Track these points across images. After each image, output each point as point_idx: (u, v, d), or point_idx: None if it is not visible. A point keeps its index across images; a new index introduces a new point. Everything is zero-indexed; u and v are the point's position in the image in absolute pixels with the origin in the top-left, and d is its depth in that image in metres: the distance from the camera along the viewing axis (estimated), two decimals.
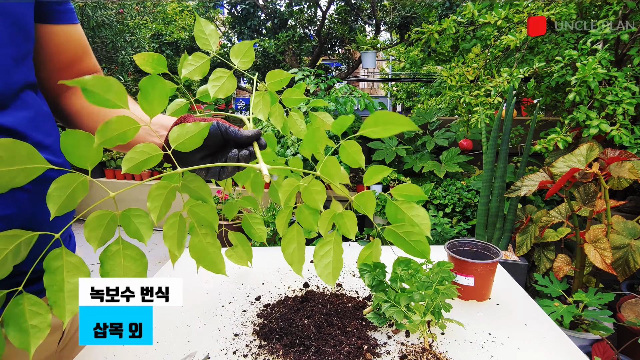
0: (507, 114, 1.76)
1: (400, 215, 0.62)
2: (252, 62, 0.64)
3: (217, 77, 0.60)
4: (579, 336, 1.42)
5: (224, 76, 0.61)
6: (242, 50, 0.63)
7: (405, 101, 6.91)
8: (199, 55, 0.61)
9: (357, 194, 0.60)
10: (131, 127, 0.46)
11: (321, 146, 0.60)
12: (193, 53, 0.61)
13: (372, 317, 0.70)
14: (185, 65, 0.60)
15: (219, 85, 0.60)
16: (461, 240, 0.89)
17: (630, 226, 1.50)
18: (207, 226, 0.58)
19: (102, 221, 0.46)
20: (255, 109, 0.63)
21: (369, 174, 0.61)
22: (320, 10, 4.43)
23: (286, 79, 0.66)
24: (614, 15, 1.58)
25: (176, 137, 0.50)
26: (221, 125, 0.56)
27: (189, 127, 0.50)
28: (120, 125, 0.45)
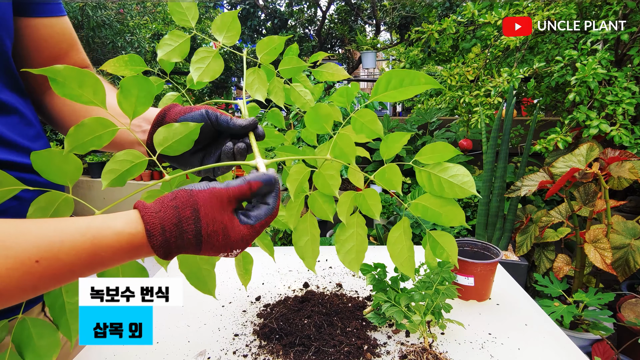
0: (507, 114, 1.76)
1: (435, 182, 0.50)
2: (239, 35, 0.55)
3: (201, 57, 0.52)
4: (579, 336, 1.42)
5: (209, 56, 0.53)
6: (226, 22, 0.54)
7: (405, 101, 6.91)
8: (177, 33, 0.53)
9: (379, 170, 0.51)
10: (107, 130, 0.41)
11: (328, 124, 0.51)
12: (170, 31, 0.54)
13: (372, 317, 0.70)
14: (161, 45, 0.52)
15: (203, 67, 0.52)
16: (461, 240, 0.89)
17: (630, 226, 1.50)
18: None
19: None
20: (251, 88, 0.55)
21: (386, 144, 0.51)
22: (320, 10, 4.43)
23: (280, 45, 0.57)
24: (614, 15, 1.58)
25: (162, 140, 0.44)
26: (211, 114, 0.48)
27: (176, 128, 0.44)
28: (93, 128, 0.40)
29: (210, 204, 0.38)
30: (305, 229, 0.58)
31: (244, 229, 0.40)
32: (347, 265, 0.54)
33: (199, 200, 0.38)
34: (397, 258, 0.52)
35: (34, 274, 0.33)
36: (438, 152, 0.48)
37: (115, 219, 0.36)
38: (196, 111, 0.48)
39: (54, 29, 0.55)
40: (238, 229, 0.39)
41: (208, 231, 0.38)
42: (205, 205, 0.38)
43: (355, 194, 0.53)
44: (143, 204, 0.37)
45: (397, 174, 0.51)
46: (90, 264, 0.35)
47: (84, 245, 0.34)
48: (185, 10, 0.53)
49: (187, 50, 0.54)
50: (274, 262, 1.01)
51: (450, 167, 0.49)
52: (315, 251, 0.58)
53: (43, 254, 0.33)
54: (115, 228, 0.36)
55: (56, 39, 0.56)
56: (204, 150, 0.52)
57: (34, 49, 0.55)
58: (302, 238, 0.57)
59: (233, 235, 0.39)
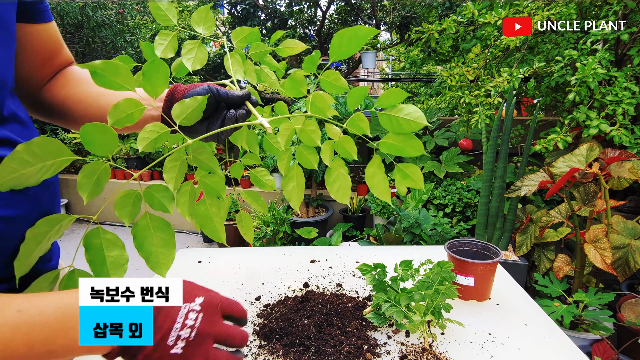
0: (507, 114, 1.76)
1: (394, 122, 0.58)
2: (214, 26, 0.65)
3: (189, 49, 0.63)
4: (579, 336, 1.42)
5: (194, 47, 0.63)
6: (202, 16, 0.64)
7: (405, 101, 6.91)
8: (165, 33, 0.62)
9: (350, 118, 0.59)
10: (137, 109, 0.50)
11: (303, 87, 0.65)
12: (159, 32, 0.63)
13: (372, 317, 0.70)
14: (156, 45, 0.61)
15: (192, 57, 0.62)
16: (461, 240, 0.89)
17: (630, 226, 1.50)
18: (214, 196, 0.62)
19: (128, 199, 0.51)
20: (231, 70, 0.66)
21: (351, 97, 0.59)
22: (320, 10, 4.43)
23: (252, 34, 0.68)
24: (614, 15, 1.58)
25: (179, 113, 0.54)
26: (212, 88, 0.59)
27: (188, 102, 0.54)
28: (127, 107, 0.49)
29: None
30: (292, 176, 0.67)
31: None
32: (339, 198, 0.63)
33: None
34: (375, 188, 0.61)
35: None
36: (393, 97, 0.56)
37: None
38: (200, 87, 0.58)
39: (49, 32, 0.62)
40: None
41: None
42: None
43: (333, 142, 0.64)
44: None
45: (364, 120, 0.59)
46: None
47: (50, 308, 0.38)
48: (166, 12, 0.62)
49: (177, 45, 0.63)
50: (274, 262, 1.01)
51: (403, 107, 0.57)
52: (300, 195, 0.68)
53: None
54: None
55: (50, 41, 0.62)
56: (208, 119, 0.61)
57: (36, 50, 0.60)
58: (289, 184, 0.67)
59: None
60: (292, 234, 2.60)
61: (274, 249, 1.13)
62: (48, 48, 0.62)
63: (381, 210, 2.56)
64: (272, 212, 2.61)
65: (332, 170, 0.64)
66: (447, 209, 2.50)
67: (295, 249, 1.11)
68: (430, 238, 2.08)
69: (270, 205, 2.67)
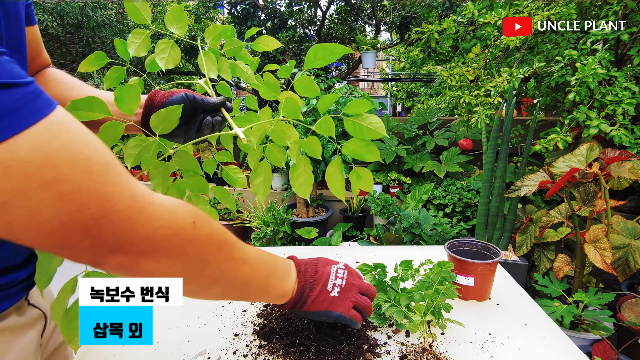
0: (507, 114, 1.76)
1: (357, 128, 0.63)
2: (187, 26, 0.67)
3: (162, 49, 0.65)
4: (579, 336, 1.42)
5: (167, 47, 0.65)
6: (176, 16, 0.66)
7: (405, 101, 6.91)
8: (139, 31, 0.64)
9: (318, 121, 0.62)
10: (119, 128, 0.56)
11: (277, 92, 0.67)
12: (132, 30, 0.65)
13: (372, 316, 0.70)
14: (129, 44, 0.64)
15: (165, 57, 0.65)
16: (461, 240, 0.89)
17: (630, 226, 1.50)
18: (198, 193, 0.69)
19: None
20: (204, 69, 0.68)
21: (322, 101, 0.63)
22: (320, 10, 4.43)
23: (225, 32, 0.70)
24: (614, 15, 1.58)
25: (157, 124, 0.57)
26: (189, 96, 0.62)
27: (164, 113, 0.57)
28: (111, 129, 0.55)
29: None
30: (260, 172, 0.72)
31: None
32: (300, 193, 0.68)
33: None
34: (332, 185, 0.67)
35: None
36: (359, 106, 0.61)
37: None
38: (177, 95, 0.62)
39: (33, 35, 0.64)
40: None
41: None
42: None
43: (301, 141, 0.68)
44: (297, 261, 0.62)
45: (331, 122, 0.62)
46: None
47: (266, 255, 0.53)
48: (141, 10, 0.63)
49: (150, 44, 0.66)
50: None
51: (367, 116, 0.61)
52: (266, 190, 0.73)
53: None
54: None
55: (34, 43, 0.65)
56: (186, 124, 0.64)
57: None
58: (257, 178, 0.72)
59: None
60: (292, 234, 2.60)
61: (274, 249, 1.13)
62: (32, 50, 0.63)
63: (381, 210, 2.56)
64: (272, 212, 2.61)
65: (297, 166, 0.69)
66: (447, 209, 2.50)
67: (295, 249, 1.11)
68: (430, 238, 2.08)
69: (270, 205, 2.66)
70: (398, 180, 2.86)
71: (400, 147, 2.93)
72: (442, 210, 2.53)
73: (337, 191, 0.67)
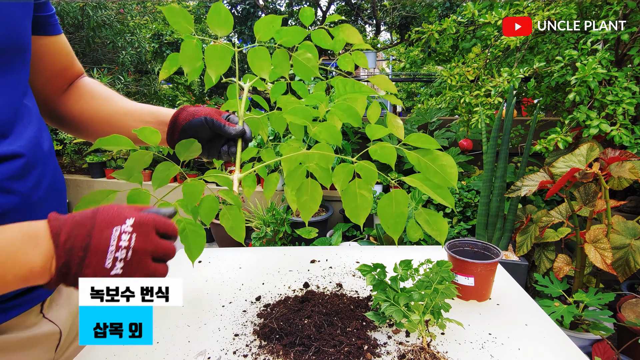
0: (507, 114, 1.76)
1: (424, 165, 0.56)
2: (231, 26, 0.62)
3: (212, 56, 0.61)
4: (579, 336, 1.42)
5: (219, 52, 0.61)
6: (218, 13, 0.59)
7: (405, 101, 6.91)
8: (189, 44, 0.60)
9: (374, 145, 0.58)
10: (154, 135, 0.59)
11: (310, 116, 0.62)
12: (184, 43, 0.61)
13: (372, 315, 0.70)
14: (209, 65, 0.61)
15: (219, 64, 0.61)
16: (461, 240, 0.89)
17: (630, 226, 1.50)
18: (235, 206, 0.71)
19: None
20: (254, 67, 0.63)
21: (416, 139, 0.56)
22: (320, 10, 4.43)
23: (277, 23, 0.63)
24: (614, 15, 1.58)
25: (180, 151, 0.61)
26: (208, 120, 0.62)
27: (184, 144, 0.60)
28: (150, 134, 0.58)
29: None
30: (306, 190, 0.70)
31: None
32: (353, 218, 0.63)
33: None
34: (385, 220, 0.61)
35: None
36: (426, 142, 0.55)
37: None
38: (197, 119, 0.62)
39: (61, 45, 0.65)
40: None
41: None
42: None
43: (350, 167, 0.63)
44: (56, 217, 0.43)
45: (393, 152, 0.59)
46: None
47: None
48: (182, 18, 0.60)
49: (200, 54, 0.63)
50: (274, 262, 1.01)
51: (440, 155, 0.55)
52: (313, 208, 0.70)
53: None
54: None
55: (65, 52, 0.66)
56: (209, 143, 0.66)
57: (51, 61, 0.64)
58: (303, 196, 0.70)
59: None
60: (292, 234, 2.60)
61: (274, 249, 1.13)
62: (61, 60, 0.65)
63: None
64: (272, 212, 2.61)
65: (349, 192, 0.62)
66: (447, 209, 2.50)
67: (295, 249, 1.11)
68: (430, 238, 2.08)
69: (270, 206, 2.66)
70: (398, 180, 2.86)
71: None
72: (442, 210, 2.53)
73: (391, 228, 0.60)
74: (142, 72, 3.97)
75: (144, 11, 4.33)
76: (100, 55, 3.76)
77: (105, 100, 0.67)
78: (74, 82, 0.69)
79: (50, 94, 0.66)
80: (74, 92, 0.67)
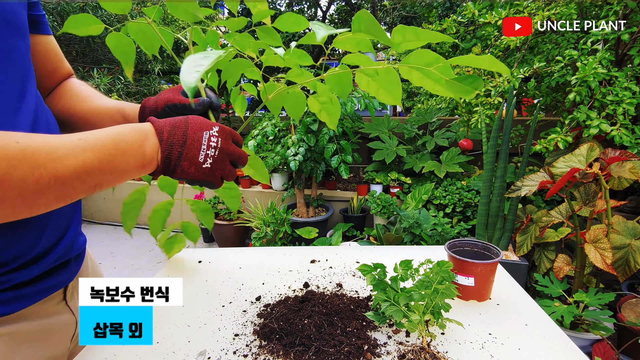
0: (508, 114, 1.76)
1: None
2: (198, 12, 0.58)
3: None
4: (580, 336, 1.42)
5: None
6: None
7: (406, 101, 6.91)
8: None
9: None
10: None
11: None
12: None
13: (372, 315, 0.70)
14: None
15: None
16: (461, 240, 0.89)
17: (630, 226, 1.50)
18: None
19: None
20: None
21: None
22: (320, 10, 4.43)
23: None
24: (614, 15, 1.58)
25: None
26: (171, 107, 0.61)
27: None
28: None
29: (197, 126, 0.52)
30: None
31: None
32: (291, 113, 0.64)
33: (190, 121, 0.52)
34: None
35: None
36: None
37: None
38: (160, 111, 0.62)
39: (50, 45, 0.66)
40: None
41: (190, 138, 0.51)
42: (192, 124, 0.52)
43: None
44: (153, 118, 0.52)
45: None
46: (111, 151, 0.45)
47: (108, 132, 0.46)
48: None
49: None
50: (274, 262, 1.01)
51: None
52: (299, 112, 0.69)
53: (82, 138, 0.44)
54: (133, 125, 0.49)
55: (53, 54, 0.67)
56: None
57: (41, 61, 0.65)
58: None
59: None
60: (292, 234, 2.60)
61: (274, 249, 1.13)
62: (51, 60, 0.66)
63: (381, 211, 2.56)
64: (272, 212, 2.61)
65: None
66: (448, 209, 2.50)
67: (295, 249, 1.11)
68: (430, 238, 2.08)
69: (270, 205, 2.66)
70: (398, 180, 2.86)
71: (400, 147, 2.93)
72: (442, 210, 2.53)
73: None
74: (142, 72, 3.97)
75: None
76: (100, 55, 3.76)
77: (84, 100, 0.67)
78: (62, 82, 0.70)
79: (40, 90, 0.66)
80: (58, 92, 0.68)
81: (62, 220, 0.57)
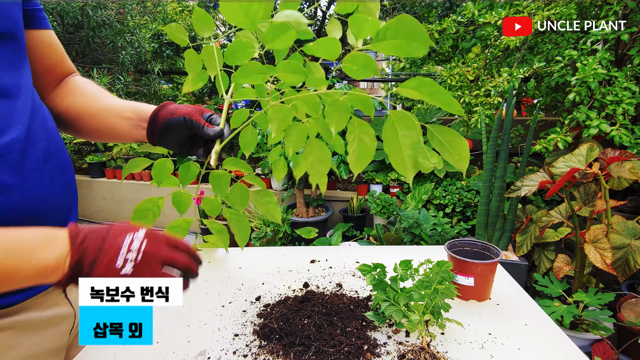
0: (507, 114, 1.76)
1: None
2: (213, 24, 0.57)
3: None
4: (579, 336, 1.42)
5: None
6: (199, 16, 0.55)
7: (406, 101, 6.91)
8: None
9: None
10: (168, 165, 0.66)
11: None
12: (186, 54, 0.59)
13: (372, 315, 0.70)
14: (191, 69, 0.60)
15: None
16: (461, 240, 0.89)
17: (630, 226, 1.50)
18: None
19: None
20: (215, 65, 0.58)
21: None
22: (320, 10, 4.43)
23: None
24: (614, 15, 1.58)
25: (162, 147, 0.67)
26: (187, 120, 0.62)
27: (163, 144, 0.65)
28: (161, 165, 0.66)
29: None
30: (311, 152, 0.61)
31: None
32: (355, 166, 0.55)
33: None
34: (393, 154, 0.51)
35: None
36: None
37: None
38: (175, 118, 0.62)
39: (50, 40, 0.65)
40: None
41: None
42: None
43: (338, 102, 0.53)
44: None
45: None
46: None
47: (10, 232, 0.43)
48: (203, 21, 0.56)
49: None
50: (274, 262, 1.01)
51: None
52: (322, 170, 0.62)
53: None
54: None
55: (55, 48, 0.66)
56: (190, 141, 0.66)
57: (40, 56, 0.64)
58: (308, 158, 0.61)
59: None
60: (292, 234, 2.60)
61: (274, 249, 1.13)
62: (51, 55, 0.65)
63: (381, 211, 2.56)
64: None
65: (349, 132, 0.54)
66: (447, 209, 2.50)
67: (295, 249, 1.11)
68: (430, 238, 2.08)
69: None
70: (398, 181, 2.86)
71: None
72: (442, 210, 2.53)
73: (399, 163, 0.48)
74: (142, 72, 3.97)
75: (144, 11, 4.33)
76: (100, 55, 3.75)
77: (91, 98, 0.67)
78: (64, 80, 0.69)
79: (40, 89, 0.66)
80: (63, 89, 0.68)
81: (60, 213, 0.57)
